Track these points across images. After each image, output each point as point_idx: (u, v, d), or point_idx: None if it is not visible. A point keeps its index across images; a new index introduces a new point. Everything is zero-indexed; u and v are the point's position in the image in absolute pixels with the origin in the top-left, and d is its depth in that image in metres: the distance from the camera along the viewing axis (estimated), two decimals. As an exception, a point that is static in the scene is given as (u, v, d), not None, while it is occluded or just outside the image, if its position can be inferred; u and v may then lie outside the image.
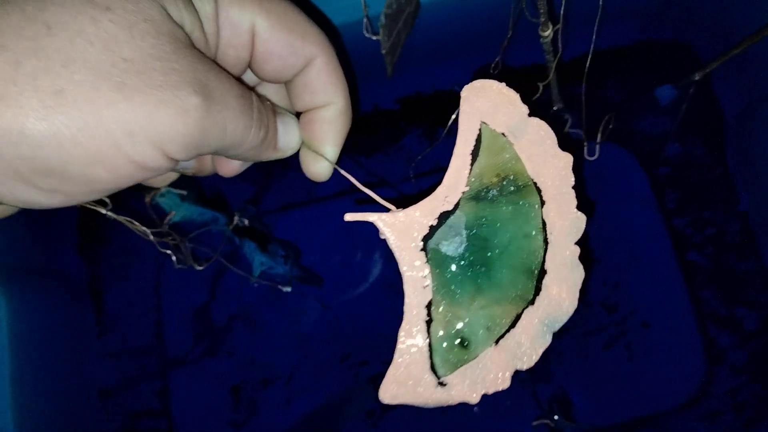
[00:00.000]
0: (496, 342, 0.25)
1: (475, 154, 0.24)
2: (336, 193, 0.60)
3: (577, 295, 0.25)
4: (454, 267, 0.25)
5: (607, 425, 0.51)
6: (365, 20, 0.46)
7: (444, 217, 0.24)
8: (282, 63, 0.25)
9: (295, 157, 0.28)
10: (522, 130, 0.24)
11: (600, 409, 0.52)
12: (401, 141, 0.60)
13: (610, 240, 0.55)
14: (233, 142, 0.22)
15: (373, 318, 0.57)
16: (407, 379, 0.24)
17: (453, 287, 0.25)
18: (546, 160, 0.24)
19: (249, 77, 0.28)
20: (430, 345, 0.24)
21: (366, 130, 0.61)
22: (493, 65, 0.39)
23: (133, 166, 0.19)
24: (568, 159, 0.24)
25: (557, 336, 0.54)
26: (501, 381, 0.25)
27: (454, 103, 0.26)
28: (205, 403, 0.56)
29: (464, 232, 0.25)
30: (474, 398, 0.25)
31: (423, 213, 0.24)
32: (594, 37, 0.39)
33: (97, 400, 0.56)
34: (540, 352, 0.25)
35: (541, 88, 0.41)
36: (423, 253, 0.24)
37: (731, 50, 0.46)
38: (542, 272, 0.25)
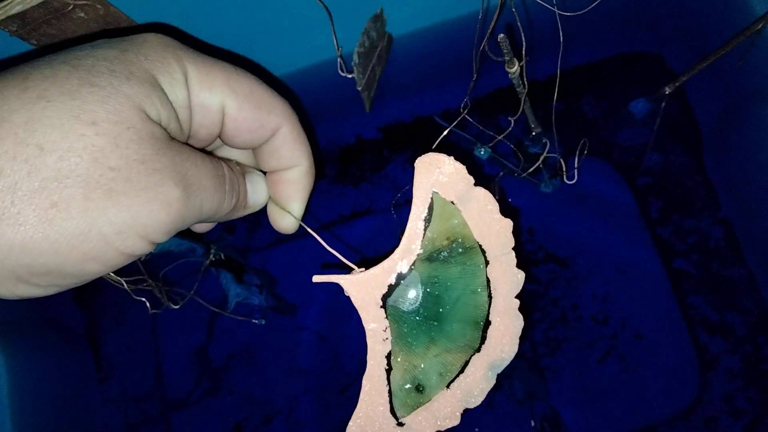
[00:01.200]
0: (448, 386, 0.29)
1: (428, 220, 0.27)
2: (324, 226, 0.61)
3: (517, 341, 0.29)
4: (409, 322, 0.28)
5: (605, 440, 0.52)
6: (339, 60, 0.47)
7: (401, 277, 0.28)
8: (251, 136, 0.26)
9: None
10: (468, 199, 0.27)
11: (594, 425, 0.52)
12: (385, 169, 0.61)
13: (596, 253, 0.56)
14: (209, 214, 0.24)
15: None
16: (371, 422, 0.28)
17: (409, 339, 0.28)
18: (489, 225, 0.28)
19: (218, 142, 0.30)
20: (390, 391, 0.28)
21: (351, 160, 0.62)
22: (462, 105, 0.40)
23: (123, 257, 0.21)
24: (508, 224, 0.28)
25: (550, 354, 0.55)
26: (452, 419, 0.29)
27: (435, 131, 0.28)
28: (208, 444, 0.56)
29: (419, 290, 0.28)
30: None
31: (382, 273, 0.28)
32: (559, 63, 0.40)
33: (101, 448, 0.57)
34: (486, 392, 0.29)
35: (512, 122, 0.42)
36: (383, 309, 0.28)
37: (700, 63, 0.47)
38: (487, 323, 0.29)
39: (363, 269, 0.28)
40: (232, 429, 0.56)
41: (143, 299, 0.50)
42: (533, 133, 0.51)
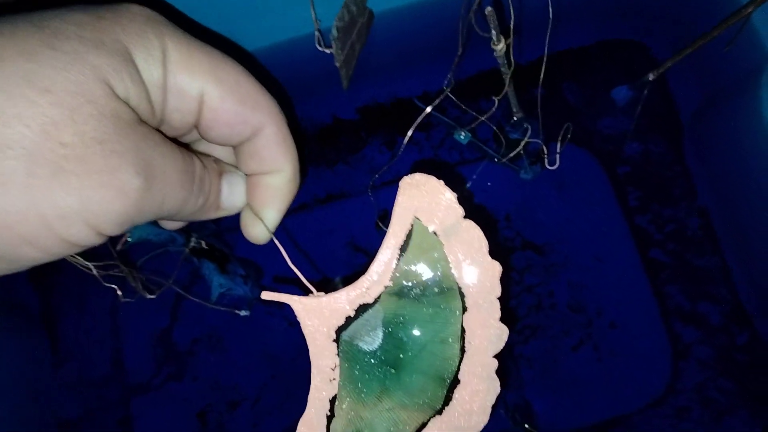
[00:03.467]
0: None
1: (403, 249, 0.23)
2: (298, 207, 0.59)
3: (488, 410, 0.24)
4: (363, 364, 0.24)
5: (576, 428, 0.51)
6: (317, 34, 0.45)
7: (362, 309, 0.24)
8: (229, 131, 0.24)
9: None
10: (454, 232, 0.23)
11: (567, 414, 0.52)
12: (362, 151, 0.60)
13: (573, 241, 0.55)
14: (170, 212, 0.22)
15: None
16: None
17: (360, 384, 0.24)
18: (474, 266, 0.23)
19: (194, 134, 0.27)
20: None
21: (327, 141, 0.60)
22: (445, 84, 0.39)
23: (65, 245, 0.19)
24: (496, 268, 0.24)
25: (524, 342, 0.54)
26: None
27: (414, 113, 0.25)
28: (170, 430, 0.54)
29: (380, 329, 0.24)
30: None
31: (342, 302, 0.23)
32: (546, 48, 0.38)
33: (56, 434, 0.54)
34: None
35: (496, 102, 0.40)
36: (335, 344, 0.23)
37: (683, 50, 0.46)
38: (455, 381, 0.24)
39: (322, 294, 0.24)
40: (197, 415, 0.54)
41: (113, 286, 0.46)
42: (514, 118, 0.50)
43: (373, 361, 0.24)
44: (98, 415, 0.54)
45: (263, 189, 0.25)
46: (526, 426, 0.48)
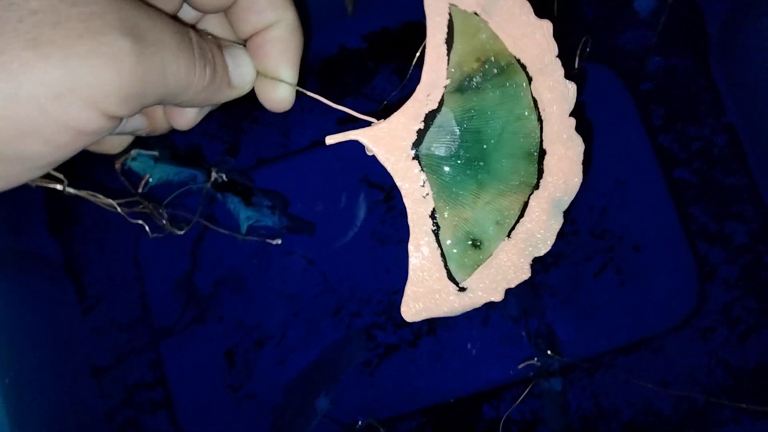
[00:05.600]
0: (509, 235, 0.24)
1: (449, 42, 0.23)
2: (312, 143, 0.58)
3: (580, 167, 0.24)
4: (450, 168, 0.24)
5: (599, 353, 0.52)
6: (316, -45, 0.42)
7: (430, 117, 0.23)
8: None
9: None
10: (494, 4, 0.22)
11: (590, 339, 0.52)
12: (372, 81, 0.57)
13: (594, 165, 0.53)
14: (178, 85, 0.20)
15: (361, 269, 0.56)
16: (427, 293, 0.24)
17: (454, 189, 0.24)
18: (525, 33, 0.23)
19: (184, 16, 0.25)
20: (442, 253, 0.24)
21: (333, 73, 0.58)
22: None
23: (71, 133, 0.17)
24: (547, 26, 0.23)
25: (545, 270, 0.53)
26: (521, 272, 0.24)
27: (424, 36, 0.23)
28: (199, 370, 0.56)
29: (455, 129, 0.24)
30: (498, 296, 0.24)
31: (407, 118, 0.23)
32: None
33: (90, 379, 0.56)
34: (555, 234, 0.25)
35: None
36: (416, 161, 0.23)
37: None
38: (542, 153, 0.24)
39: (382, 120, 0.23)
40: (224, 355, 0.55)
41: (140, 221, 0.45)
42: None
43: (459, 162, 0.24)
44: (129, 358, 0.56)
45: (270, 46, 0.24)
46: (549, 353, 0.49)
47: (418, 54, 0.38)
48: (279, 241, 0.53)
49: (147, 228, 0.46)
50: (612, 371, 0.51)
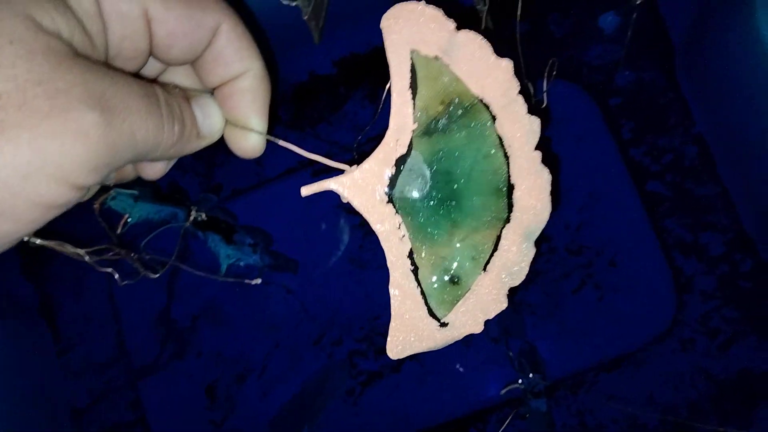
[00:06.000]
0: (484, 268, 0.25)
1: (414, 87, 0.23)
2: (287, 170, 0.57)
3: (549, 198, 0.25)
4: (424, 209, 0.25)
5: (582, 370, 0.51)
6: (278, -13, 0.42)
7: (401, 162, 0.24)
8: (187, 41, 0.21)
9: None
10: (454, 48, 0.23)
11: (573, 356, 0.52)
12: (344, 108, 0.57)
13: (567, 181, 0.54)
14: (147, 146, 0.19)
15: (341, 296, 0.55)
16: (410, 331, 0.25)
17: (429, 229, 0.25)
18: (486, 73, 0.23)
19: (150, 68, 0.25)
20: (422, 292, 0.25)
21: (306, 100, 0.58)
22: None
23: (40, 209, 0.17)
24: (508, 65, 0.23)
25: (525, 288, 0.53)
26: (498, 303, 0.25)
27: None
28: (180, 407, 0.55)
29: (425, 171, 0.24)
30: (478, 328, 0.25)
31: (378, 164, 0.24)
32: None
33: (70, 421, 0.55)
34: (529, 263, 0.26)
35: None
36: (390, 204, 0.24)
37: (670, -31, 0.43)
38: (510, 187, 0.25)
39: (354, 167, 0.24)
40: (205, 390, 0.55)
41: (109, 270, 0.45)
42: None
43: (432, 203, 0.25)
44: (108, 399, 0.55)
45: (238, 96, 0.24)
46: (531, 375, 0.48)
47: (388, 86, 0.38)
48: (259, 281, 0.53)
49: (117, 276, 0.46)
50: (595, 388, 0.51)
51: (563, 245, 0.53)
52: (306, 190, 0.24)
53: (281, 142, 0.25)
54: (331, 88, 0.57)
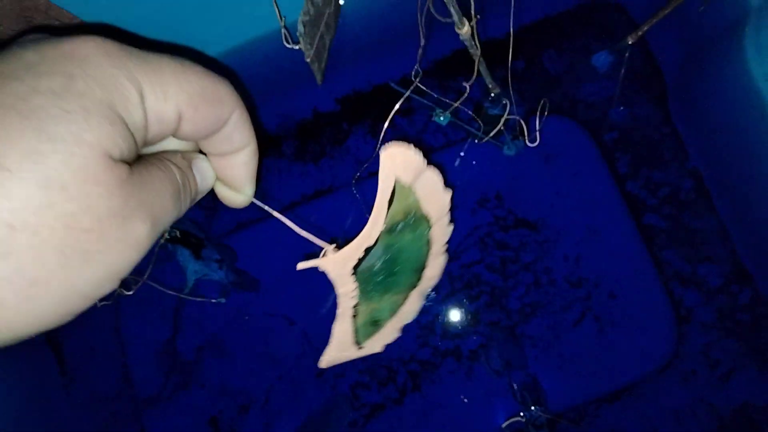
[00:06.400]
0: (395, 314, 0.37)
1: (390, 201, 0.31)
2: (288, 206, 0.59)
3: (441, 272, 0.36)
4: (373, 282, 0.34)
5: (584, 402, 0.51)
6: (283, 31, 0.44)
7: (368, 250, 0.32)
8: (207, 131, 0.25)
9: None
10: (421, 179, 0.32)
11: (574, 388, 0.52)
12: (346, 143, 0.59)
13: (566, 215, 0.55)
14: (168, 223, 0.23)
15: (343, 327, 0.56)
16: (339, 350, 0.35)
17: (372, 293, 0.35)
18: (435, 197, 0.33)
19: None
20: (355, 329, 0.35)
21: (309, 135, 0.59)
22: (413, 74, 0.38)
23: (90, 302, 0.20)
24: (448, 194, 0.33)
25: (525, 321, 0.54)
26: (395, 333, 0.37)
27: (393, 98, 0.29)
28: (184, 439, 0.55)
29: (381, 258, 0.34)
30: (380, 349, 0.37)
31: (354, 251, 0.31)
32: (511, 23, 0.37)
33: (74, 453, 0.55)
34: (418, 310, 0.37)
35: (467, 88, 0.39)
36: (353, 276, 0.33)
37: (660, 12, 0.45)
38: (424, 267, 0.36)
39: (334, 246, 0.31)
40: (208, 422, 0.55)
41: None
42: (492, 95, 0.49)
43: (379, 278, 0.34)
44: (114, 430, 0.55)
45: (237, 168, 0.28)
46: (533, 407, 0.49)
47: (386, 125, 0.40)
48: (223, 300, 0.54)
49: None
50: (598, 420, 0.51)
51: (563, 277, 0.54)
52: (301, 266, 0.31)
53: (267, 208, 0.31)
54: (334, 124, 0.59)
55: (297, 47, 0.45)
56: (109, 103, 0.20)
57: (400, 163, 0.31)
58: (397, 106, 0.41)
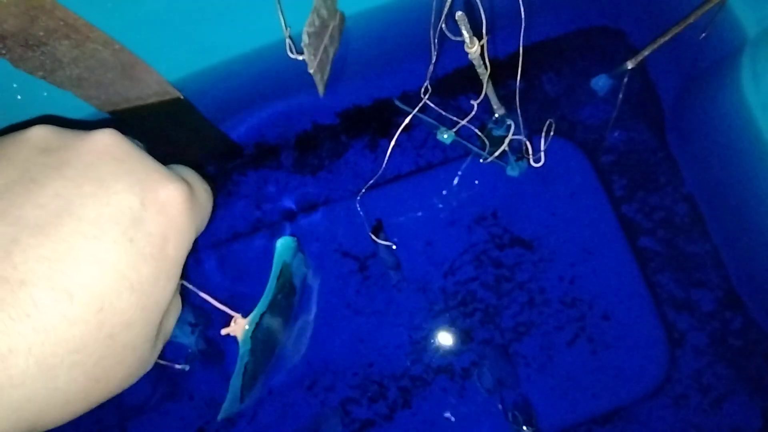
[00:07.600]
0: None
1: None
2: (283, 217, 0.58)
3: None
4: (260, 342, 0.44)
5: (575, 423, 0.51)
6: (288, 41, 0.44)
7: (262, 317, 0.42)
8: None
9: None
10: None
11: (566, 409, 0.52)
12: (344, 156, 0.59)
13: (561, 235, 0.55)
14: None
15: (335, 340, 0.55)
16: (230, 403, 0.45)
17: (259, 353, 0.45)
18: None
19: None
20: (243, 384, 0.45)
21: (308, 147, 0.59)
22: (422, 90, 0.38)
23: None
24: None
25: (519, 340, 0.54)
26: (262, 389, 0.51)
27: (394, 114, 0.26)
28: (168, 452, 0.54)
29: (269, 323, 0.44)
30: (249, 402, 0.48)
31: (255, 320, 0.42)
32: (521, 45, 0.38)
33: (55, 463, 0.53)
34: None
35: (475, 106, 0.40)
36: (252, 337, 0.42)
37: (659, 38, 0.46)
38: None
39: (240, 316, 0.41)
40: (194, 434, 0.54)
41: None
42: (496, 115, 0.49)
43: (263, 339, 0.45)
44: (96, 439, 0.54)
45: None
46: (524, 428, 0.48)
47: (392, 143, 0.40)
48: (187, 367, 0.53)
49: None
50: (589, 443, 0.51)
51: (557, 297, 0.54)
52: (224, 331, 0.41)
53: (192, 287, 0.41)
54: (333, 137, 0.59)
55: (301, 58, 0.46)
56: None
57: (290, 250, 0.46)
58: (403, 125, 0.41)
